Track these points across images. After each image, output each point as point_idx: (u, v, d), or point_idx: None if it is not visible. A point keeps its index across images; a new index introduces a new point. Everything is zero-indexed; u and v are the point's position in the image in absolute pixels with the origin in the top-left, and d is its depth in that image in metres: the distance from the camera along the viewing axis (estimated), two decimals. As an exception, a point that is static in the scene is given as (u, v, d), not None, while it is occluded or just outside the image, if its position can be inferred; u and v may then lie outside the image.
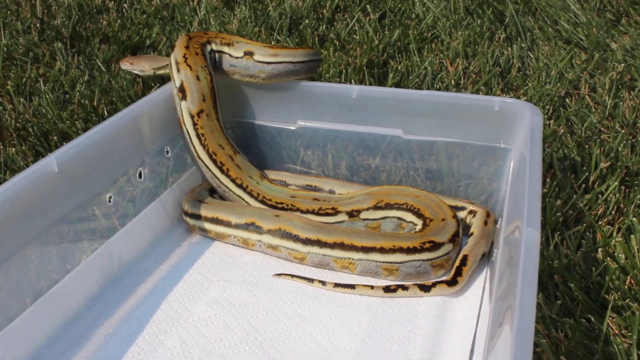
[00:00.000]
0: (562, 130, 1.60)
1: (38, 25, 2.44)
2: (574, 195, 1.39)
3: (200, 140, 1.37)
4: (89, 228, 1.23)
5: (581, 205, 1.37)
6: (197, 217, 1.38)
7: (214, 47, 1.44)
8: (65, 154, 1.15)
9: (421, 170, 1.42)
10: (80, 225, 1.21)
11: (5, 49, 2.21)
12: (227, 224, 1.34)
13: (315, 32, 2.20)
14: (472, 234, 1.29)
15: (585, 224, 1.33)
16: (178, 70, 1.38)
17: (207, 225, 1.37)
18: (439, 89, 1.83)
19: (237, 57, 1.43)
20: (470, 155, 1.37)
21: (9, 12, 2.57)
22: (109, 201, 1.26)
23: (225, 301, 1.21)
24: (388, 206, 1.33)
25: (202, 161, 1.38)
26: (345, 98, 1.41)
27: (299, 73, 1.45)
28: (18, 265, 1.08)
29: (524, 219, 0.97)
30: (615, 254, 1.24)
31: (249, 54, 1.42)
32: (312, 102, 1.45)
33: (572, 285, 1.16)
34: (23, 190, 1.07)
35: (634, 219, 1.31)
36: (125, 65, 1.57)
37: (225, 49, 1.44)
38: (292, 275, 1.26)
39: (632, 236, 1.27)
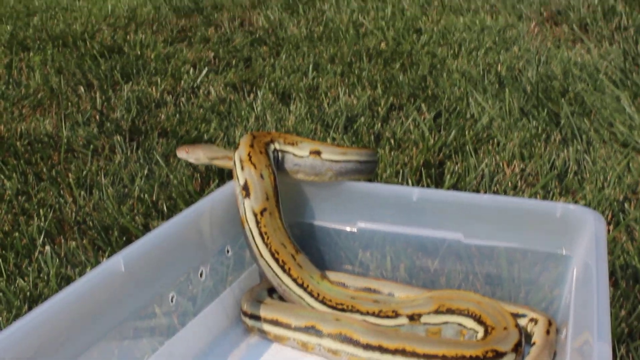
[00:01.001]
0: (623, 238, 1.59)
1: (97, 117, 2.49)
2: (639, 306, 1.37)
3: (263, 238, 1.38)
4: (149, 326, 1.24)
5: (645, 315, 1.35)
6: (257, 318, 1.38)
7: (277, 146, 1.46)
8: (131, 253, 1.16)
9: (481, 275, 1.41)
10: (141, 324, 1.22)
11: (65, 140, 2.26)
12: (287, 326, 1.34)
13: (371, 130, 2.22)
14: (534, 343, 1.27)
15: (650, 335, 1.31)
16: (242, 168, 1.39)
17: (266, 327, 1.37)
18: (497, 192, 1.83)
19: (301, 156, 1.45)
20: (531, 262, 1.36)
21: (69, 104, 2.63)
22: (172, 301, 1.27)
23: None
24: (449, 311, 1.32)
25: (265, 260, 1.38)
26: (406, 200, 1.42)
27: (364, 172, 1.47)
28: (81, 364, 1.08)
29: (594, 332, 0.95)
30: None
31: (316, 152, 1.44)
32: (373, 203, 1.46)
33: (639, 399, 1.14)
34: (91, 290, 1.09)
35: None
36: (181, 153, 1.59)
37: (289, 148, 1.46)
38: (353, 381, 1.25)
39: (699, 349, 1.24)
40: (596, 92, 2.41)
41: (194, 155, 1.57)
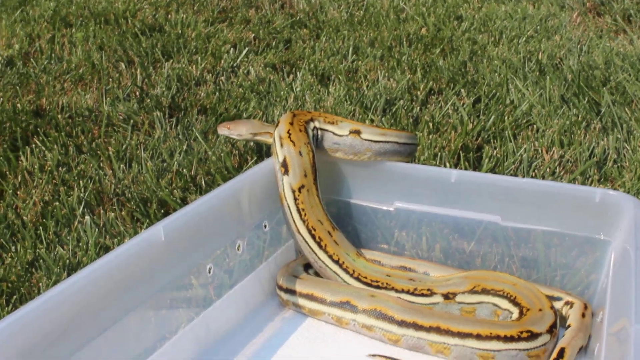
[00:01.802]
0: (662, 225, 1.58)
1: (138, 94, 2.51)
2: (675, 293, 1.36)
3: (300, 215, 1.38)
4: (186, 297, 1.25)
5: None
6: (292, 292, 1.39)
7: (317, 124, 1.47)
8: (171, 224, 1.17)
9: (517, 258, 1.41)
10: (177, 294, 1.23)
11: (106, 114, 2.28)
12: (322, 301, 1.35)
13: (410, 114, 2.22)
14: (569, 326, 1.27)
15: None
16: (282, 145, 1.40)
17: (302, 301, 1.38)
18: (535, 177, 1.82)
19: (341, 135, 1.46)
20: (568, 246, 1.36)
21: (110, 79, 2.65)
22: (209, 272, 1.28)
23: (318, 378, 1.21)
24: (484, 291, 1.32)
25: (302, 235, 1.39)
26: (443, 182, 1.42)
27: (402, 154, 1.47)
28: (119, 332, 1.10)
29: (632, 317, 0.95)
30: None
31: (356, 132, 1.45)
32: (410, 184, 1.46)
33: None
34: (132, 257, 1.10)
35: None
36: (223, 130, 1.61)
37: (329, 127, 1.47)
38: (387, 357, 1.25)
39: None
40: (638, 82, 2.38)
41: (237, 131, 1.58)
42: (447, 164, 1.88)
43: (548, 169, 1.84)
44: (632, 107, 2.22)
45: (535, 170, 1.85)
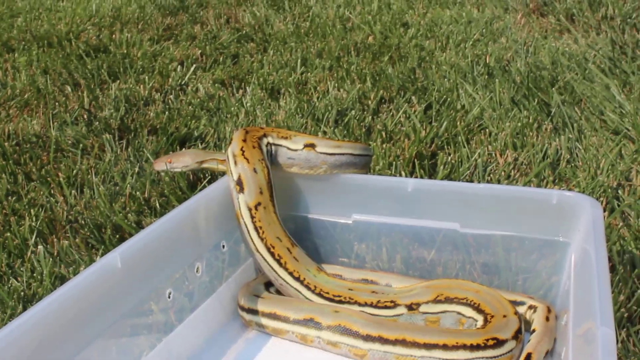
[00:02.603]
0: (619, 224, 1.59)
1: (85, 117, 2.48)
2: (637, 291, 1.37)
3: (258, 233, 1.37)
4: (146, 323, 1.24)
5: (644, 300, 1.36)
6: (254, 312, 1.37)
7: (271, 140, 1.46)
8: (128, 250, 1.16)
9: (477, 264, 1.41)
10: (138, 321, 1.21)
11: (54, 140, 2.25)
12: (285, 320, 1.34)
13: (362, 124, 2.22)
14: (534, 330, 1.27)
15: (649, 320, 1.31)
16: (235, 163, 1.39)
17: (264, 321, 1.36)
18: (490, 181, 1.83)
19: (296, 150, 1.45)
20: (528, 249, 1.36)
21: (57, 103, 2.62)
22: (169, 296, 1.26)
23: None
24: (448, 300, 1.31)
25: (260, 254, 1.38)
26: (400, 191, 1.42)
27: (357, 166, 1.47)
28: (80, 362, 1.08)
29: (597, 318, 0.95)
30: (682, 351, 1.22)
31: (311, 145, 1.44)
32: (367, 195, 1.46)
33: (641, 384, 1.14)
34: (89, 286, 1.09)
35: (699, 314, 1.29)
36: (161, 165, 1.56)
37: (283, 142, 1.46)
38: (353, 373, 1.24)
39: (698, 332, 1.24)
40: (585, 81, 2.41)
41: (181, 163, 1.55)
42: (403, 173, 1.88)
43: (503, 173, 1.85)
44: (581, 106, 2.24)
45: (491, 175, 1.86)
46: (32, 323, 0.99)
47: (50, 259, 1.62)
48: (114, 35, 3.50)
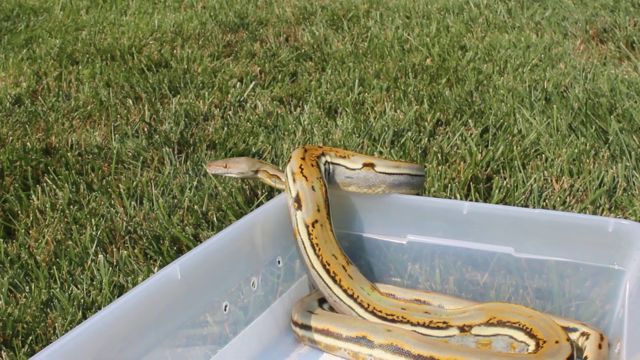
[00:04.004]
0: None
1: (146, 130, 2.52)
2: (691, 321, 1.36)
3: (314, 250, 1.39)
4: (201, 335, 1.26)
5: (697, 331, 1.35)
6: (307, 327, 1.39)
7: (329, 159, 1.48)
8: (187, 262, 1.18)
9: (531, 289, 1.41)
10: (193, 332, 1.24)
11: (115, 151, 2.30)
12: (338, 337, 1.35)
13: (418, 145, 2.23)
14: (586, 357, 1.27)
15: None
16: (294, 180, 1.41)
17: (317, 337, 1.38)
18: (546, 207, 1.83)
19: (354, 169, 1.46)
20: (582, 276, 1.36)
21: (118, 115, 2.67)
22: (225, 309, 1.28)
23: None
24: (500, 323, 1.32)
25: (316, 270, 1.40)
26: (455, 213, 1.43)
27: (414, 186, 1.49)
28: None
29: (651, 347, 0.96)
30: None
31: (370, 165, 1.46)
32: (422, 216, 1.47)
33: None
34: (149, 297, 1.11)
35: None
36: (217, 169, 1.57)
37: (341, 161, 1.47)
38: (404, 392, 1.25)
39: None
40: (644, 109, 2.40)
41: (237, 169, 1.56)
42: (458, 196, 1.88)
43: (558, 199, 1.85)
44: (639, 135, 2.22)
45: (546, 200, 1.85)
46: (93, 330, 1.02)
47: (110, 268, 1.66)
48: (175, 51, 3.56)
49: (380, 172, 1.46)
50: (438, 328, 1.34)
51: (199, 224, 1.83)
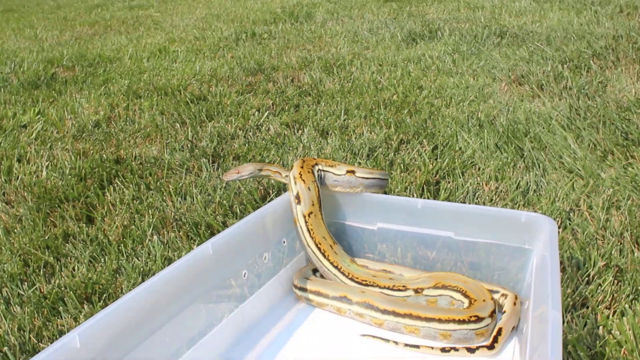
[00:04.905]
0: (569, 237, 1.59)
1: (189, 146, 2.53)
2: (580, 286, 1.37)
3: (309, 233, 1.40)
4: (227, 295, 1.26)
5: (585, 293, 1.35)
6: (304, 290, 1.40)
7: (321, 167, 1.48)
8: (217, 241, 1.19)
9: (466, 262, 1.42)
10: (221, 292, 1.24)
11: (167, 161, 2.30)
12: (326, 296, 1.36)
13: (387, 158, 2.24)
14: (504, 311, 1.28)
15: (589, 307, 1.31)
16: (295, 183, 1.42)
17: (311, 296, 1.39)
18: (478, 203, 1.83)
19: (339, 175, 1.47)
20: (503, 253, 1.37)
21: (169, 135, 2.67)
22: (244, 276, 1.29)
23: (326, 350, 1.21)
24: (444, 287, 1.33)
25: (310, 248, 1.40)
26: (412, 208, 1.43)
27: (382, 187, 1.49)
28: (180, 321, 1.11)
29: (549, 304, 0.96)
30: (612, 331, 1.21)
31: (351, 172, 1.46)
32: (388, 209, 1.47)
33: (581, 353, 1.14)
34: (189, 266, 1.12)
35: (625, 305, 1.29)
36: (232, 175, 1.54)
37: (330, 169, 1.48)
38: (374, 336, 1.26)
39: (624, 318, 1.24)
40: (549, 133, 2.40)
41: (246, 171, 1.55)
42: (415, 195, 1.89)
43: (487, 197, 1.85)
44: (546, 152, 2.23)
45: (478, 198, 1.86)
46: (148, 291, 1.03)
47: (162, 246, 1.66)
48: (211, 88, 3.56)
49: (359, 177, 1.46)
50: (399, 290, 1.35)
51: (226, 214, 1.83)
